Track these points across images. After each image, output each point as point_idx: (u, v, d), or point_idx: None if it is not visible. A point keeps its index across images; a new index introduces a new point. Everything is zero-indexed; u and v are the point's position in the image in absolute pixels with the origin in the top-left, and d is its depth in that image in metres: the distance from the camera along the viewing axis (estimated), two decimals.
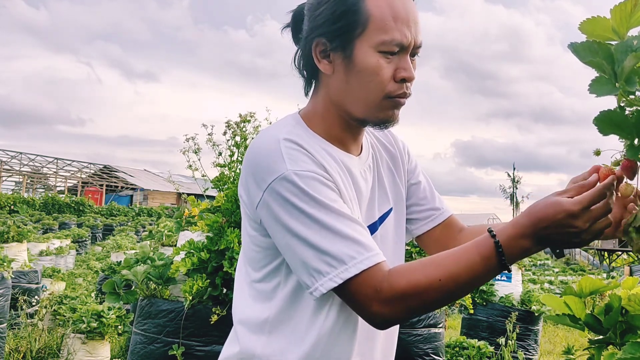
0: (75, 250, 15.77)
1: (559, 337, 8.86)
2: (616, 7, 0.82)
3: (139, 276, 2.93)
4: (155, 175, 44.38)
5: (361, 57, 0.98)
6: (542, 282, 16.98)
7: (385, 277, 0.90)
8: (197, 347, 2.68)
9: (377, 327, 0.94)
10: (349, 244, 0.90)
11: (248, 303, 1.07)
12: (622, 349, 0.85)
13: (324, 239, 0.90)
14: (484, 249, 0.89)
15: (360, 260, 0.89)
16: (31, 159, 37.33)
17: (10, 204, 25.38)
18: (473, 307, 4.72)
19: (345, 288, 0.90)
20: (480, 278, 0.89)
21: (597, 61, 0.82)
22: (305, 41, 1.04)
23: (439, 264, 0.90)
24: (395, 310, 0.90)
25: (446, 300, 0.91)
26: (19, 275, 6.17)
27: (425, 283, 0.88)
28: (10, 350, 4.74)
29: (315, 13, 1.01)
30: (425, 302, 0.90)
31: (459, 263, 0.89)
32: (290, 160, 0.94)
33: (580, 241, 0.88)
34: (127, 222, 25.15)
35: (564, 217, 0.85)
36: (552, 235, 0.87)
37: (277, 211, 0.94)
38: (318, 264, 0.90)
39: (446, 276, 0.88)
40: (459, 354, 4.63)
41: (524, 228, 0.88)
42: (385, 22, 0.97)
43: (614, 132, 0.86)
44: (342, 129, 1.07)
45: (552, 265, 29.62)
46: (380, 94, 1.00)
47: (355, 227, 0.93)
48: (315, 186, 0.93)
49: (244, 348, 1.05)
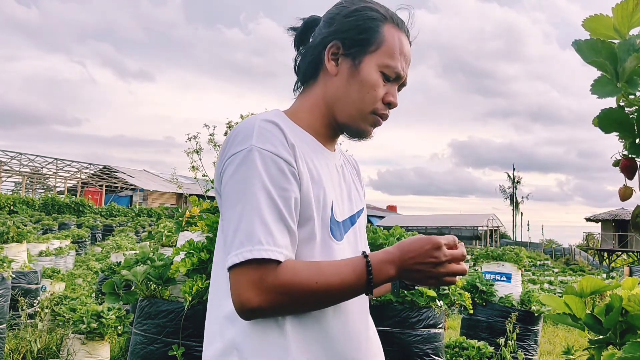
0: (75, 250, 15.77)
1: (558, 338, 8.86)
2: (618, 6, 0.82)
3: (139, 276, 2.93)
4: (155, 175, 44.39)
5: (367, 70, 1.12)
6: (542, 282, 17.00)
7: (273, 270, 0.95)
8: (196, 348, 2.68)
9: (243, 314, 0.97)
10: (265, 232, 0.96)
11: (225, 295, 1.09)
12: (622, 348, 0.85)
13: (250, 218, 0.96)
14: (357, 266, 0.99)
15: (265, 248, 0.94)
16: (31, 160, 37.33)
17: (9, 205, 25.38)
18: (473, 308, 4.72)
19: (241, 268, 0.95)
20: (347, 292, 1.00)
21: (600, 61, 0.82)
22: (321, 40, 1.16)
23: (320, 270, 0.98)
24: (269, 300, 0.95)
25: (313, 305, 0.99)
26: (19, 276, 6.16)
27: (305, 283, 0.96)
28: (10, 351, 4.74)
29: (344, 19, 1.15)
30: (297, 301, 0.97)
31: (335, 274, 0.98)
32: (259, 138, 1.01)
33: (437, 275, 0.99)
34: (126, 223, 25.14)
35: (429, 248, 0.99)
36: (415, 265, 0.99)
37: (229, 179, 1.01)
38: (235, 239, 0.96)
39: (322, 282, 0.97)
40: (459, 354, 4.63)
41: (392, 255, 1.00)
42: (394, 51, 1.14)
43: (616, 130, 0.86)
44: (324, 125, 1.17)
45: (552, 265, 29.61)
46: (371, 106, 1.13)
47: (279, 224, 0.98)
48: (270, 168, 0.99)
49: (226, 341, 1.04)
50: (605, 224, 35.28)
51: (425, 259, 0.99)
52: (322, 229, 1.07)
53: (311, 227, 1.05)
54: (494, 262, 6.49)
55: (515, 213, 52.32)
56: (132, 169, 44.65)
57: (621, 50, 0.81)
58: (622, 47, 0.82)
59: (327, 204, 1.09)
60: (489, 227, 44.11)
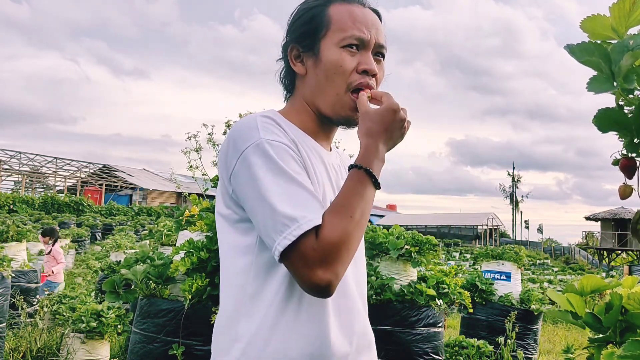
0: (75, 249, 15.78)
1: (558, 337, 8.87)
2: (615, 5, 0.82)
3: (139, 275, 2.93)
4: (155, 174, 44.38)
5: (325, 54, 1.14)
6: (542, 281, 17.00)
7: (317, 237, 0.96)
8: (196, 347, 2.68)
9: (319, 292, 0.97)
10: (296, 208, 0.98)
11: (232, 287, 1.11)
12: (622, 347, 0.85)
13: (280, 203, 0.98)
14: (362, 177, 1.04)
15: (302, 223, 0.96)
16: (30, 159, 37.31)
17: (9, 204, 25.38)
18: (472, 307, 4.72)
19: (292, 252, 0.95)
20: (370, 197, 1.04)
21: (594, 60, 0.82)
22: (283, 50, 1.21)
23: (342, 205, 1.00)
24: (330, 262, 0.95)
25: (361, 226, 1.01)
26: (19, 275, 6.17)
27: (344, 225, 0.97)
28: (10, 350, 4.74)
29: (292, 21, 1.20)
30: (349, 240, 0.98)
31: (354, 196, 1.02)
32: (265, 131, 1.05)
33: (402, 133, 1.11)
34: (126, 222, 25.13)
35: (394, 117, 1.08)
36: (393, 135, 1.09)
37: (247, 175, 1.03)
38: (275, 224, 0.97)
39: (351, 211, 0.99)
40: (459, 353, 4.64)
41: (373, 148, 1.07)
42: (344, 23, 1.15)
43: (613, 129, 0.87)
44: (316, 124, 1.20)
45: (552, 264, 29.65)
46: (344, 85, 1.14)
47: (303, 194, 1.00)
48: (283, 156, 1.03)
49: (228, 333, 1.07)
50: (605, 222, 35.28)
51: (395, 126, 1.08)
52: None
53: None
54: (494, 261, 6.50)
55: (515, 212, 52.33)
56: (132, 168, 44.65)
57: (615, 51, 0.81)
58: (616, 48, 0.82)
59: (327, 201, 1.11)
60: (489, 226, 44.14)
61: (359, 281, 1.19)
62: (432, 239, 3.83)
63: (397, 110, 1.07)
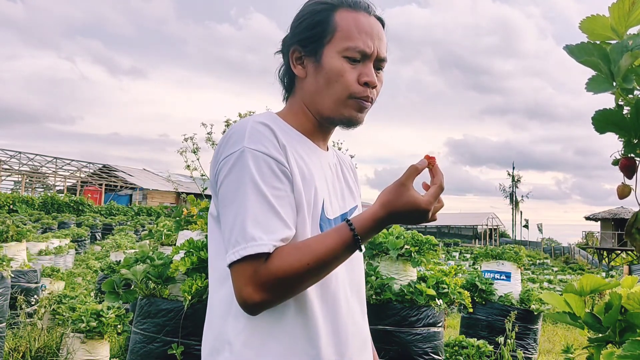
0: (75, 249, 15.76)
1: (558, 336, 8.87)
2: (614, 5, 0.82)
3: (139, 275, 2.93)
4: (155, 174, 44.35)
5: (328, 61, 1.14)
6: (541, 281, 17.00)
7: (265, 263, 0.98)
8: (196, 347, 2.68)
9: (247, 310, 1.00)
10: (257, 228, 0.99)
11: (216, 289, 1.13)
12: (621, 347, 0.85)
13: (243, 217, 1.00)
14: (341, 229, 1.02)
15: (258, 244, 0.98)
16: (30, 159, 37.29)
17: (9, 204, 25.36)
18: (472, 306, 4.72)
19: (238, 266, 0.98)
20: (340, 255, 1.02)
21: (593, 60, 0.82)
22: (285, 50, 1.21)
23: (307, 247, 1.00)
24: (266, 291, 0.97)
25: (311, 279, 1.01)
26: (18, 275, 6.16)
27: (296, 265, 0.98)
28: (9, 350, 4.74)
29: (296, 23, 1.19)
30: (294, 283, 0.99)
31: (322, 245, 1.00)
32: (251, 139, 1.05)
33: (416, 223, 1.07)
34: (126, 222, 25.11)
35: (418, 215, 1.02)
36: (408, 221, 1.05)
37: (225, 181, 1.05)
38: (231, 236, 1.00)
39: (311, 257, 0.99)
40: (458, 353, 4.63)
41: (376, 215, 1.03)
42: (350, 32, 1.14)
43: (611, 130, 0.87)
44: (313, 125, 1.21)
45: (552, 264, 29.64)
46: (345, 92, 1.14)
47: (272, 218, 1.01)
48: (262, 169, 1.03)
49: (218, 334, 1.09)
50: (604, 222, 35.30)
51: (413, 220, 1.04)
52: (312, 226, 1.10)
53: (302, 224, 1.07)
54: (494, 261, 6.49)
55: (514, 212, 52.30)
56: (132, 168, 44.63)
57: (614, 52, 0.81)
58: (615, 49, 0.82)
59: (318, 202, 1.12)
60: (489, 226, 44.14)
61: (354, 281, 1.20)
62: (431, 238, 3.83)
63: (426, 212, 1.03)
